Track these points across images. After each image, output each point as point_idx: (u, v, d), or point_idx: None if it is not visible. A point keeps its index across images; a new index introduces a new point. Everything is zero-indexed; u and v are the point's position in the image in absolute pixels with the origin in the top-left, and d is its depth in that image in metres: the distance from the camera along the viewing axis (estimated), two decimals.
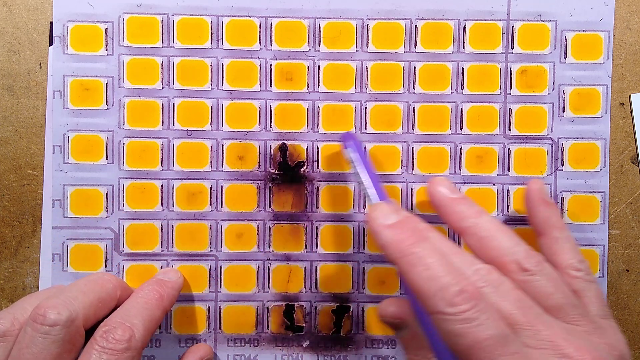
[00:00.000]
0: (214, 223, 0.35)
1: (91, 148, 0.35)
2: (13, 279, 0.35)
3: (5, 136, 0.35)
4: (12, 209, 0.35)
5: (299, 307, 0.36)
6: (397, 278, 0.36)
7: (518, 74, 0.35)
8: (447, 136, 0.35)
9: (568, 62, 0.35)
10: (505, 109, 0.35)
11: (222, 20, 0.35)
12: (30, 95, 0.35)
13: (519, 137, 0.35)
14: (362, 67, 0.35)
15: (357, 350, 0.36)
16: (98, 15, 0.35)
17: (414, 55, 0.35)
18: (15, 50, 0.35)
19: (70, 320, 0.24)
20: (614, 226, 0.35)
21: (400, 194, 0.35)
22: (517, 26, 0.35)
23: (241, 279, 0.35)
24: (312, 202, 0.35)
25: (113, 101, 0.35)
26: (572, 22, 0.35)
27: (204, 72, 0.35)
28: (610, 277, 0.35)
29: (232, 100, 0.35)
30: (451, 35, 0.35)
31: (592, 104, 0.35)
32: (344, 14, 0.35)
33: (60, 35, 0.35)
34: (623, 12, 0.35)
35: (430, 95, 0.35)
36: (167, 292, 0.30)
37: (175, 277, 0.31)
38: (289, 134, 0.35)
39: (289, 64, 0.35)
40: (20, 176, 0.35)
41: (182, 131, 0.35)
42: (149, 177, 0.35)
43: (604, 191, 0.35)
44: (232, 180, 0.35)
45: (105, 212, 0.35)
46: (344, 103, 0.35)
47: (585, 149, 0.35)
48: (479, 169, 0.35)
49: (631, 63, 0.35)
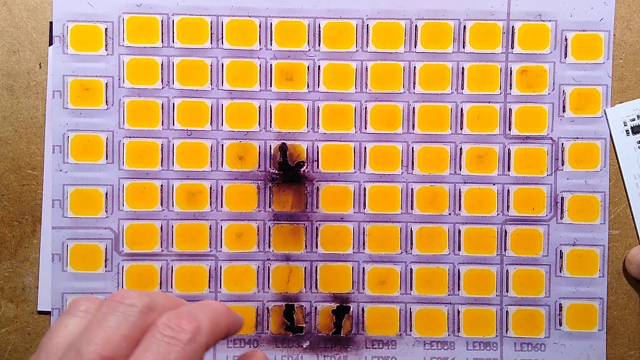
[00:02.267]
0: (213, 223, 0.35)
1: (91, 148, 0.35)
2: (13, 279, 0.35)
3: (5, 136, 0.35)
4: (12, 209, 0.35)
5: (299, 308, 0.36)
6: (397, 278, 0.36)
7: (518, 74, 0.35)
8: (447, 136, 0.35)
9: (568, 62, 0.35)
10: (505, 109, 0.35)
11: (222, 20, 0.35)
12: (30, 95, 0.35)
13: (519, 137, 0.35)
14: (362, 67, 0.35)
15: (357, 351, 0.36)
16: (98, 15, 0.35)
17: (414, 55, 0.35)
18: (15, 50, 0.35)
19: (149, 308, 0.23)
20: (614, 226, 0.35)
21: (400, 194, 0.35)
22: (517, 26, 0.35)
23: (241, 279, 0.35)
24: (312, 202, 0.35)
25: (113, 101, 0.35)
26: (572, 22, 0.35)
27: (204, 72, 0.35)
28: (610, 277, 0.35)
29: (232, 100, 0.35)
30: (451, 35, 0.35)
31: (592, 103, 0.35)
32: (344, 14, 0.35)
33: (60, 35, 0.35)
34: (623, 12, 0.35)
35: (431, 95, 0.35)
36: (234, 317, 0.27)
37: (240, 319, 0.29)
38: (289, 134, 0.35)
39: (289, 64, 0.35)
40: (20, 176, 0.35)
41: (182, 131, 0.35)
42: (149, 177, 0.35)
43: (604, 191, 0.35)
44: (232, 180, 0.35)
45: (105, 212, 0.35)
46: (344, 103, 0.35)
47: (585, 149, 0.35)
48: (479, 168, 0.35)
49: (631, 63, 0.35)
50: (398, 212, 0.35)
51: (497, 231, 0.35)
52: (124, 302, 0.23)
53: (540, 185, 0.35)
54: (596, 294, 0.35)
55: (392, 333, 0.35)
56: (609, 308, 0.35)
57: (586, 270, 0.35)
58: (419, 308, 0.35)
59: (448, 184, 0.35)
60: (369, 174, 0.35)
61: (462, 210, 0.35)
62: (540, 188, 0.35)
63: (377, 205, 0.35)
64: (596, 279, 0.35)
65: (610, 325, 0.35)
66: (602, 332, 0.35)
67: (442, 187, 0.35)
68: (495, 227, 0.35)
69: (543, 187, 0.35)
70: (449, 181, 0.35)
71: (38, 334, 0.35)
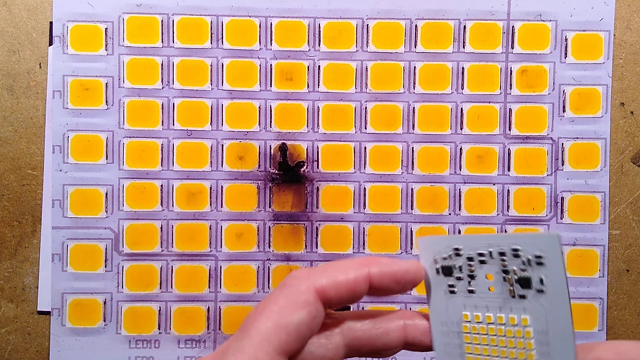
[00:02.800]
0: (213, 223, 0.35)
1: (91, 148, 0.35)
2: (13, 279, 0.35)
3: (5, 136, 0.35)
4: (12, 209, 0.35)
5: None
6: None
7: (518, 74, 0.35)
8: (447, 136, 0.35)
9: (568, 62, 0.35)
10: (505, 109, 0.35)
11: (222, 20, 0.35)
12: (30, 95, 0.35)
13: (519, 137, 0.35)
14: (362, 67, 0.35)
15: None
16: (98, 15, 0.35)
17: (414, 55, 0.35)
18: (15, 50, 0.35)
19: (312, 287, 0.23)
20: (614, 226, 0.35)
21: (400, 194, 0.35)
22: (517, 26, 0.35)
23: (241, 279, 0.35)
24: (312, 202, 0.35)
25: (113, 101, 0.35)
26: (572, 21, 0.35)
27: (204, 72, 0.35)
28: (610, 277, 0.35)
29: (232, 100, 0.35)
30: (451, 35, 0.35)
31: (592, 104, 0.35)
32: (344, 13, 0.35)
33: (60, 35, 0.35)
34: (623, 12, 0.35)
35: (431, 95, 0.35)
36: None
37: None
38: (289, 134, 0.35)
39: (289, 64, 0.35)
40: (20, 176, 0.35)
41: (182, 131, 0.35)
42: (149, 177, 0.35)
43: (604, 191, 0.35)
44: (232, 180, 0.35)
45: (105, 212, 0.35)
46: (344, 103, 0.35)
47: (585, 149, 0.35)
48: (479, 169, 0.35)
49: (631, 63, 0.35)
50: (398, 212, 0.35)
51: (497, 231, 0.35)
52: (290, 276, 0.23)
53: (540, 185, 0.35)
54: (596, 294, 0.35)
55: None
56: (609, 308, 0.35)
57: (586, 270, 0.35)
58: (419, 308, 0.35)
59: (448, 184, 0.35)
60: (369, 174, 0.35)
61: (462, 210, 0.35)
62: (540, 188, 0.35)
63: (377, 205, 0.35)
64: (596, 279, 0.35)
65: (610, 325, 0.35)
66: (602, 332, 0.35)
67: (442, 187, 0.35)
68: (495, 227, 0.35)
69: (543, 187, 0.35)
70: (449, 181, 0.35)
71: (38, 334, 0.35)
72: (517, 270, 0.20)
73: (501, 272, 0.20)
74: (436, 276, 0.22)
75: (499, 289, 0.20)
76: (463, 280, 0.21)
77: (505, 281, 0.20)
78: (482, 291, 0.21)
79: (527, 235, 0.20)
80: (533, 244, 0.19)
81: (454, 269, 0.21)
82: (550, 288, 0.19)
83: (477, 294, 0.21)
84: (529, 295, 0.20)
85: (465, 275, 0.21)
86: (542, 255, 0.19)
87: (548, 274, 0.19)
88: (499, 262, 0.20)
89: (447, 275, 0.21)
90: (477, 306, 0.21)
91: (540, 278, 0.19)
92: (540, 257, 0.19)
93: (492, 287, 0.21)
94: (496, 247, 0.20)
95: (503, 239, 0.20)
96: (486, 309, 0.21)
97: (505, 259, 0.20)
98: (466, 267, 0.21)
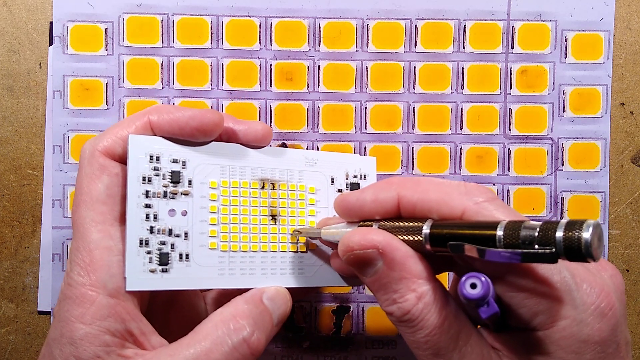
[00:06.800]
0: None
1: None
2: (13, 279, 0.35)
3: (5, 136, 0.35)
4: (12, 209, 0.35)
5: (299, 308, 0.36)
6: None
7: (518, 74, 0.35)
8: (447, 136, 0.35)
9: (568, 62, 0.35)
10: (505, 109, 0.35)
11: (222, 20, 0.35)
12: (30, 95, 0.35)
13: (519, 137, 0.35)
14: (362, 67, 0.35)
15: (357, 351, 0.36)
16: (98, 15, 0.35)
17: (414, 55, 0.35)
18: (15, 50, 0.35)
19: (96, 151, 0.25)
20: (614, 226, 0.35)
21: None
22: (517, 26, 0.35)
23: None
24: None
25: (113, 101, 0.35)
26: (572, 22, 0.35)
27: (204, 72, 0.35)
28: None
29: (232, 100, 0.35)
30: (451, 35, 0.35)
31: (592, 104, 0.35)
32: (344, 14, 0.35)
33: (60, 35, 0.35)
34: (623, 12, 0.35)
35: (431, 95, 0.35)
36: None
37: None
38: (289, 133, 0.35)
39: (289, 64, 0.35)
40: (20, 176, 0.35)
41: None
42: None
43: (604, 191, 0.35)
44: None
45: None
46: (344, 103, 0.35)
47: (585, 149, 0.35)
48: (479, 168, 0.35)
49: (631, 63, 0.35)
50: None
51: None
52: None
53: (540, 185, 0.35)
54: None
55: (392, 333, 0.35)
56: None
57: None
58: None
59: None
60: None
61: None
62: (540, 188, 0.35)
63: None
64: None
65: None
66: None
67: None
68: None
69: (543, 187, 0.35)
70: None
71: (38, 334, 0.35)
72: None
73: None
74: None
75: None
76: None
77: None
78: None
79: None
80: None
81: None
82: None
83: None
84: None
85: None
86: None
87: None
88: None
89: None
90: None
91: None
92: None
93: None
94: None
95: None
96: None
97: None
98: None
